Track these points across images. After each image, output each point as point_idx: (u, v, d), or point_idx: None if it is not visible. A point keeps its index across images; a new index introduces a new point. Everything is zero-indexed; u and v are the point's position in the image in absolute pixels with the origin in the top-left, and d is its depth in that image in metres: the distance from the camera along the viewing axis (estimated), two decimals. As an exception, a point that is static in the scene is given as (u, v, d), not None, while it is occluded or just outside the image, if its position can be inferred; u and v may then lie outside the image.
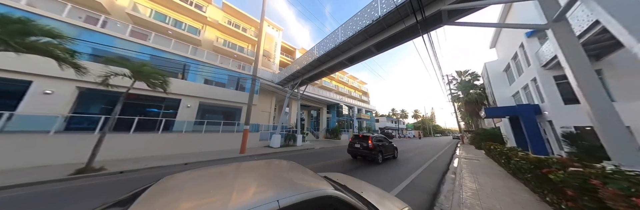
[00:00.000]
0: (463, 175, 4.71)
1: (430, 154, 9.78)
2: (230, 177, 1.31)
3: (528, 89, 10.41)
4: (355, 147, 6.48)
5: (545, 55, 7.90)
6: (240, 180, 1.22)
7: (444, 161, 7.42)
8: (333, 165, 5.60)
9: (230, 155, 6.79)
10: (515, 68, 11.55)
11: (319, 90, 21.32)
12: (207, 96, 9.32)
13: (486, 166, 6.01)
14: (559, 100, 7.86)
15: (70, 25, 6.28)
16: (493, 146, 6.53)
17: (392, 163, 6.08)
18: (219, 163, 5.72)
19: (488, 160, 7.51)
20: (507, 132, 12.66)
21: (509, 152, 4.61)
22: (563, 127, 7.63)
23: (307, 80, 11.01)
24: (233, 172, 1.41)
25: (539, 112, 8.94)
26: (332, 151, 9.45)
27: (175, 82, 8.07)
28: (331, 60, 7.81)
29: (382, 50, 6.63)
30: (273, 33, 17.40)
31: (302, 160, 6.59)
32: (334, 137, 20.43)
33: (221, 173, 1.38)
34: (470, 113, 19.38)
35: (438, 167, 5.99)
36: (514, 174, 4.45)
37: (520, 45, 9.88)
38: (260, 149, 9.06)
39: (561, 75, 7.98)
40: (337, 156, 7.55)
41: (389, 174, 4.72)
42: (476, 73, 20.30)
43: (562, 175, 2.19)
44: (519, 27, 3.66)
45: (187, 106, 8.46)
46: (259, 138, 10.11)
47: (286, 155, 7.73)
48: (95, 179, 3.64)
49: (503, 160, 5.00)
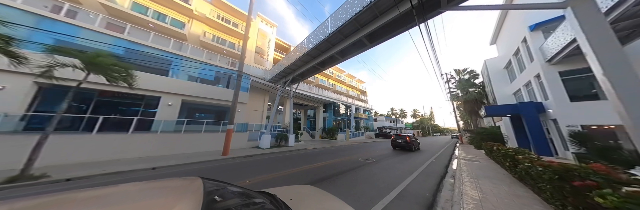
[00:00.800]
0: (463, 181, 4.19)
1: (427, 155, 9.27)
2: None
3: (530, 86, 9.93)
4: (397, 142, 10.28)
5: (550, 49, 7.40)
6: None
7: (442, 162, 6.92)
8: (315, 170, 5.06)
9: (211, 157, 6.21)
10: (517, 64, 11.07)
11: (315, 89, 20.76)
12: (192, 94, 8.71)
13: (488, 169, 5.51)
14: (565, 97, 7.38)
15: (27, 13, 5.65)
16: (496, 147, 6.03)
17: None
18: (192, 167, 5.16)
19: (489, 161, 7.02)
20: (507, 132, 12.22)
21: (516, 155, 4.10)
22: (569, 126, 7.16)
23: (298, 77, 10.43)
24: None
25: (542, 110, 8.47)
26: (324, 152, 8.91)
27: (154, 79, 7.51)
28: (322, 55, 7.24)
29: (376, 43, 6.08)
30: (266, 29, 16.77)
31: (287, 162, 6.05)
32: (331, 136, 19.91)
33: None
34: (469, 112, 18.95)
35: (435, 170, 5.47)
36: (521, 178, 3.94)
37: (523, 39, 9.38)
38: (247, 149, 8.49)
39: (568, 70, 7.48)
40: (326, 158, 7.02)
41: (386, 173, 4.19)
42: (475, 71, 19.85)
43: (617, 200, 1.58)
44: (530, 7, 3.12)
45: (168, 104, 7.86)
46: (248, 138, 9.53)
47: (271, 157, 7.17)
48: (29, 189, 3.07)
49: (508, 163, 4.49)
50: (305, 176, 4.38)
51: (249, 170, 4.89)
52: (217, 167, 5.19)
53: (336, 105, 23.62)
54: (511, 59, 11.43)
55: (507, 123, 12.10)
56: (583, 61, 7.30)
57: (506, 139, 11.91)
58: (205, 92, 9.20)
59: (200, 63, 9.26)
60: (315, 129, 21.64)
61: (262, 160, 6.38)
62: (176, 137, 6.98)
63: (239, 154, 7.13)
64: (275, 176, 4.29)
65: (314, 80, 22.69)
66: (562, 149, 7.72)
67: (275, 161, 6.20)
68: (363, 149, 10.67)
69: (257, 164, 5.72)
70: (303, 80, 10.89)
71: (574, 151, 5.98)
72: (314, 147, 11.24)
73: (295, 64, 8.58)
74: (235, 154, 7.04)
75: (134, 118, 6.25)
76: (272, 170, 4.96)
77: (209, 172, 4.67)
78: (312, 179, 4.06)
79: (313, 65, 8.21)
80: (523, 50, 9.68)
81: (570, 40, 6.13)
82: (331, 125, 22.01)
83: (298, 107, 23.86)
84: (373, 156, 7.72)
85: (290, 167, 5.28)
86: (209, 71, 9.72)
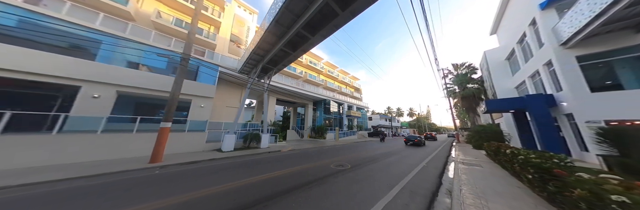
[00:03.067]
0: (464, 201, 2.80)
1: (418, 158, 7.91)
2: None
3: (537, 77, 8.66)
4: (412, 140, 13.06)
5: (566, 29, 6.07)
6: None
7: (436, 169, 5.54)
8: (261, 184, 3.66)
9: (130, 166, 4.65)
10: (521, 54, 9.79)
11: (304, 85, 19.26)
12: (134, 84, 7.08)
13: (494, 178, 4.15)
14: (584, 87, 6.08)
15: None
16: (504, 149, 4.67)
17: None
18: (76, 183, 3.62)
19: (492, 165, 5.70)
20: (509, 129, 11.02)
21: (551, 166, 2.70)
22: (589, 122, 5.88)
23: (270, 66, 8.88)
24: None
25: (553, 103, 7.19)
26: (299, 155, 7.45)
27: (69, 63, 5.83)
28: (287, 32, 5.71)
29: (350, 10, 4.57)
30: (245, 16, 15.08)
31: (239, 171, 4.68)
32: (319, 136, 18.49)
33: None
34: (466, 109, 17.80)
35: (425, 182, 4.07)
36: (552, 199, 2.57)
37: (531, 22, 8.05)
38: (201, 154, 6.93)
39: (587, 54, 6.16)
40: (294, 164, 5.61)
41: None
42: (474, 66, 18.64)
43: None
44: None
45: (93, 96, 6.22)
46: (207, 139, 7.97)
47: (225, 163, 5.71)
48: None
49: (530, 176, 3.09)
50: (237, 194, 2.93)
51: (165, 187, 3.42)
52: (118, 182, 3.67)
53: (327, 102, 22.19)
54: (515, 48, 10.13)
55: (508, 120, 10.88)
56: (608, 42, 5.85)
57: (508, 137, 10.72)
58: (155, 83, 7.57)
59: (146, 46, 7.58)
60: (304, 128, 20.16)
61: (207, 168, 4.89)
62: (93, 139, 5.34)
63: (181, 159, 5.60)
64: (187, 198, 2.82)
65: (302, 75, 21.16)
66: (578, 149, 6.46)
67: (223, 169, 4.73)
68: (347, 151, 9.26)
69: (192, 174, 4.24)
70: (277, 70, 9.34)
71: (602, 153, 4.67)
72: (293, 148, 9.79)
73: (260, 48, 7.05)
74: (174, 160, 5.51)
75: (35, 113, 4.62)
76: (206, 184, 3.54)
77: (92, 191, 3.19)
78: (240, 204, 2.63)
79: (281, 48, 6.68)
80: (530, 35, 8.36)
81: (599, 12, 4.77)
82: (321, 123, 20.59)
83: (285, 104, 22.32)
84: (351, 160, 6.30)
85: (235, 179, 3.84)
86: (159, 57, 8.06)
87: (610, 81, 5.98)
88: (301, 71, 21.67)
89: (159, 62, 8.17)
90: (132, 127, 6.36)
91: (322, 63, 26.30)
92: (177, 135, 6.97)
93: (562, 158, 3.13)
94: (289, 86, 15.34)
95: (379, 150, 9.57)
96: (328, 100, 22.10)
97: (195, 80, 9.31)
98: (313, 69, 23.67)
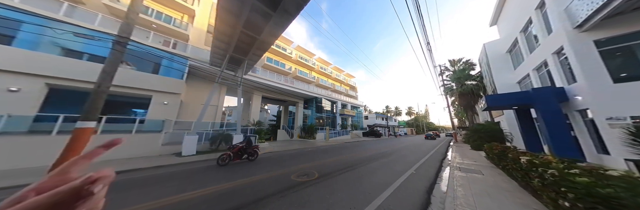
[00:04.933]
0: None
1: (409, 162, 6.89)
2: None
3: (543, 69, 7.65)
4: (430, 135, 21.29)
5: (582, 7, 5.04)
6: None
7: (427, 179, 4.50)
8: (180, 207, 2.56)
9: (8, 182, 3.52)
10: (525, 44, 8.78)
11: (293, 82, 18.15)
12: (71, 77, 5.93)
13: (500, 192, 3.13)
14: (605, 77, 5.07)
15: None
16: (513, 154, 3.64)
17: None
18: None
19: (495, 171, 4.69)
20: (510, 128, 10.06)
21: (600, 185, 1.64)
22: (611, 119, 4.89)
23: (239, 56, 7.74)
24: None
25: (564, 98, 6.20)
26: (271, 160, 6.39)
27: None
28: (243, 6, 4.59)
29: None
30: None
31: (175, 183, 3.73)
32: (309, 136, 17.43)
33: None
34: (464, 107, 16.82)
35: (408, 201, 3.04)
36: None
37: (539, 4, 7.01)
38: (152, 159, 5.80)
39: (609, 38, 5.13)
40: (254, 173, 4.59)
41: None
42: (472, 61, 17.64)
43: None
44: None
45: (10, 90, 5.06)
46: (163, 141, 6.85)
47: (166, 172, 4.69)
48: None
49: (569, 204, 2.00)
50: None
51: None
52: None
53: (319, 100, 21.12)
54: (518, 38, 9.11)
55: (510, 117, 9.90)
56: (636, 22, 4.58)
57: (509, 137, 9.76)
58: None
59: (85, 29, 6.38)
60: (294, 128, 19.07)
61: (135, 180, 3.85)
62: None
63: (115, 168, 4.48)
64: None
65: (291, 71, 20.04)
66: (595, 151, 5.47)
67: (153, 182, 3.69)
68: (330, 153, 8.20)
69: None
70: (251, 61, 8.22)
71: (635, 159, 3.66)
72: (272, 150, 8.71)
73: (221, 32, 5.94)
74: (97, 168, 4.38)
75: None
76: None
77: None
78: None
79: (242, 30, 5.56)
80: (537, 21, 7.34)
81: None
82: (312, 122, 19.52)
83: (274, 102, 21.19)
84: (325, 167, 5.18)
85: (148, 199, 2.76)
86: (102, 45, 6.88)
87: (638, 70, 4.97)
88: (290, 67, 20.55)
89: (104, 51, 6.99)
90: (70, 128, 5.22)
91: (314, 59, 25.16)
92: (121, 137, 5.84)
93: (599, 167, 2.06)
94: (275, 82, 14.23)
95: (366, 152, 8.53)
96: (320, 98, 21.02)
97: (157, 74, 8.16)
98: (304, 65, 22.55)
